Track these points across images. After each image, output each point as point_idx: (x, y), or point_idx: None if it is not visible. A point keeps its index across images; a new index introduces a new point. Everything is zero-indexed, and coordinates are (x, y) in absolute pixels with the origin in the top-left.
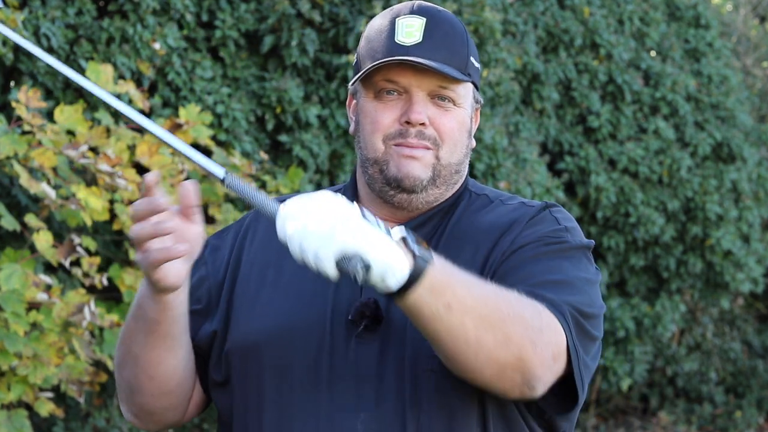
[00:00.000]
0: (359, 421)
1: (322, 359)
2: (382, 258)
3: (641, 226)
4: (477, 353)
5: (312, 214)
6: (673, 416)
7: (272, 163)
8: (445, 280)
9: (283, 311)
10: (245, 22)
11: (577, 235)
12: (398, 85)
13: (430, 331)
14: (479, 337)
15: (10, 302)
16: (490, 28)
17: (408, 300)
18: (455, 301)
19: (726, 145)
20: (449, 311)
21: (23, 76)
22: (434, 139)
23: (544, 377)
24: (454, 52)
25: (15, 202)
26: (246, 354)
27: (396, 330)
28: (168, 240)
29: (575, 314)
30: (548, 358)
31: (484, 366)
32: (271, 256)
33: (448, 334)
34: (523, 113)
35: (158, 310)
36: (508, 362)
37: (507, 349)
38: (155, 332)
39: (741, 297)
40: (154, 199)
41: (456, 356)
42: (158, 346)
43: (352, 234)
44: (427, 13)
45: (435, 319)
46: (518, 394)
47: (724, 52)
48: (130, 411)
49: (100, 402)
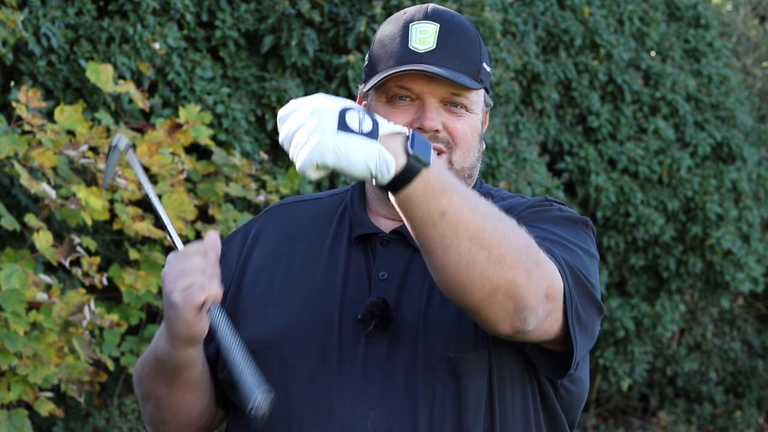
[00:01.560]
0: (369, 420)
1: (331, 359)
2: (362, 158)
3: (641, 226)
4: (468, 269)
5: (297, 117)
6: (673, 416)
7: (272, 163)
8: (442, 186)
9: (291, 312)
10: (245, 22)
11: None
12: (411, 92)
13: (422, 237)
14: (472, 252)
15: (10, 302)
16: (490, 28)
17: (404, 198)
18: (451, 209)
19: (726, 145)
20: (443, 218)
21: (23, 76)
22: (447, 142)
23: (537, 311)
24: (467, 59)
25: (15, 202)
26: (255, 355)
27: (406, 330)
28: (215, 277)
29: (571, 266)
30: (542, 292)
31: (475, 284)
32: (280, 259)
33: (441, 242)
34: (523, 113)
35: (181, 362)
36: (501, 284)
37: (500, 270)
38: (177, 380)
39: (741, 297)
40: (208, 243)
41: (446, 269)
42: (180, 390)
43: (330, 143)
44: (441, 18)
45: (428, 224)
46: (509, 326)
47: (724, 52)
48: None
49: (100, 402)
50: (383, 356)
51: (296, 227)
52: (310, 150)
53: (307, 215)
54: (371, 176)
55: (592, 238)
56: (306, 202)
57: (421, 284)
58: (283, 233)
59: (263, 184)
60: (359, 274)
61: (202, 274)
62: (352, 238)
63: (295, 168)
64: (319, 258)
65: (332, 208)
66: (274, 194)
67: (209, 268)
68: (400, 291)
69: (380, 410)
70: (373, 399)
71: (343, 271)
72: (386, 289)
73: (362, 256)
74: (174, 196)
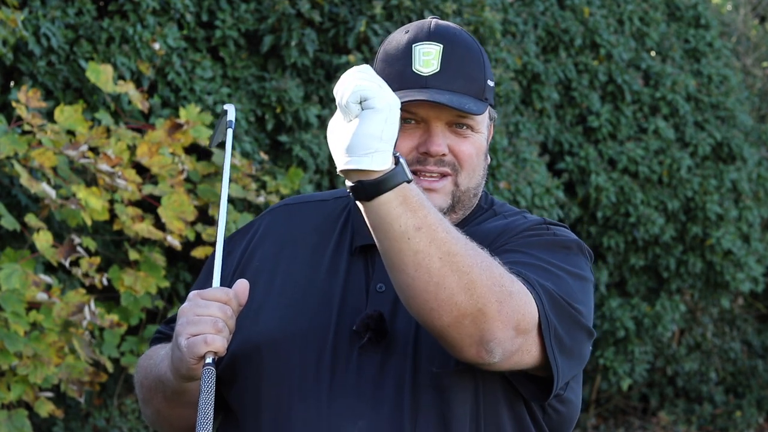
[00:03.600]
0: (357, 428)
1: (323, 368)
2: (384, 137)
3: (641, 226)
4: (438, 290)
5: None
6: (673, 416)
7: (272, 163)
8: (420, 202)
9: (287, 318)
10: (245, 22)
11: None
12: (416, 116)
13: (395, 252)
14: (443, 273)
15: (10, 302)
16: (490, 28)
17: (381, 206)
18: (426, 226)
19: (726, 145)
20: (418, 233)
21: (23, 76)
22: (453, 165)
23: (505, 343)
24: (471, 80)
25: (15, 202)
26: (248, 359)
27: (399, 344)
28: (224, 332)
29: (551, 294)
30: (511, 324)
31: (443, 308)
32: (280, 262)
33: (413, 258)
34: (523, 113)
35: (180, 391)
36: (469, 311)
37: (469, 297)
38: (176, 400)
39: (741, 297)
40: (232, 293)
41: (415, 289)
42: (179, 407)
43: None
44: (444, 38)
45: (402, 237)
46: (474, 354)
47: (724, 52)
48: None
49: (100, 402)
50: (375, 368)
51: (299, 230)
52: (380, 91)
53: (311, 218)
54: (359, 152)
55: (585, 261)
56: (310, 204)
57: None
58: (285, 235)
59: (263, 185)
60: (358, 285)
61: (213, 326)
62: (354, 248)
63: (295, 168)
64: (320, 264)
65: (336, 213)
66: (274, 195)
67: (220, 322)
68: (396, 304)
69: (368, 420)
70: (362, 409)
71: (343, 281)
72: (382, 302)
73: (362, 266)
74: (174, 197)
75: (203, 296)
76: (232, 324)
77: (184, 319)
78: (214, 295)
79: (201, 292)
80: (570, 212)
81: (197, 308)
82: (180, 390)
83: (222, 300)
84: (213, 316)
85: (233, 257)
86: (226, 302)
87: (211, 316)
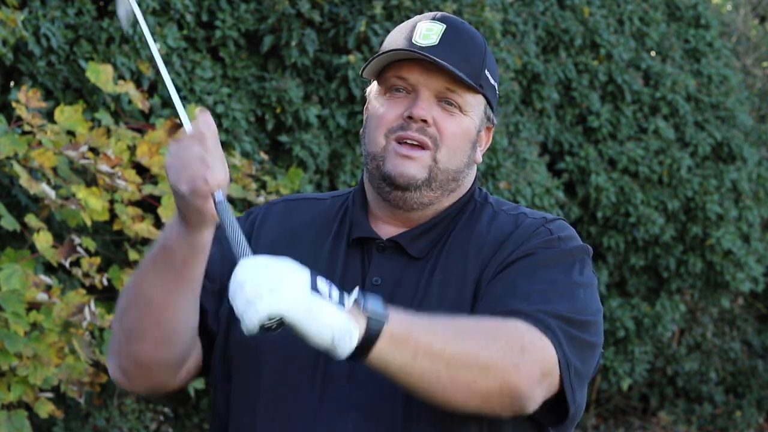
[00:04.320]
0: (350, 421)
1: (318, 360)
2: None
3: (641, 226)
4: (455, 391)
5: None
6: (673, 416)
7: (272, 163)
8: (406, 331)
9: None
10: (245, 22)
11: (571, 242)
12: (407, 82)
13: (403, 382)
14: (454, 377)
15: (10, 302)
16: (490, 28)
17: (373, 359)
18: (421, 349)
19: (726, 145)
20: (416, 360)
21: (23, 77)
22: (435, 138)
23: (534, 395)
24: (467, 60)
25: (15, 202)
26: (245, 351)
27: None
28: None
29: (563, 325)
30: (536, 376)
31: (467, 399)
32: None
33: (421, 381)
34: (523, 113)
35: (188, 250)
36: (492, 390)
37: (487, 379)
38: (178, 274)
39: (741, 297)
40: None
41: (438, 398)
42: (176, 290)
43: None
44: (449, 22)
45: (404, 370)
46: (510, 413)
47: (724, 52)
48: (120, 365)
49: (100, 402)
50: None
51: (298, 224)
52: (278, 299)
53: (310, 213)
54: (329, 346)
55: (590, 265)
56: (309, 201)
57: (413, 293)
58: (284, 228)
59: (263, 185)
60: (354, 278)
61: (202, 163)
62: (351, 240)
63: (295, 168)
64: (319, 257)
65: (335, 209)
66: (274, 195)
67: (208, 156)
68: (391, 298)
69: (362, 412)
70: (356, 401)
71: (341, 273)
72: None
73: (359, 259)
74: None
75: (179, 142)
76: (219, 154)
77: (172, 170)
78: (188, 135)
79: (176, 140)
80: (570, 212)
81: (178, 154)
82: (191, 250)
83: (197, 138)
84: (199, 155)
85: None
86: (201, 138)
87: (197, 155)
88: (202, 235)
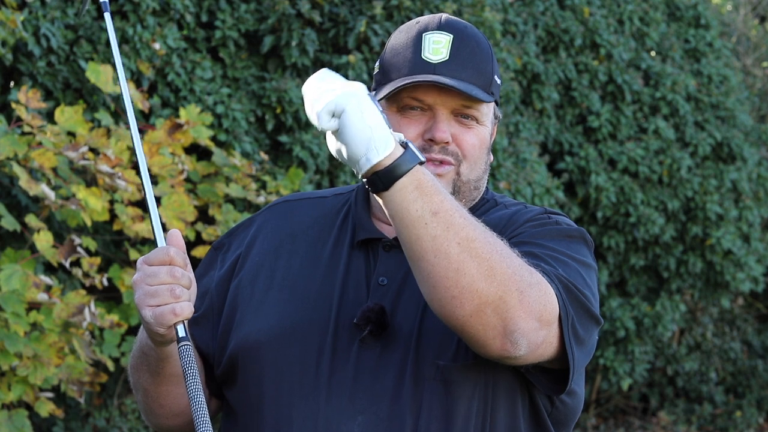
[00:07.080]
0: (356, 423)
1: (323, 361)
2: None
3: (641, 226)
4: (458, 277)
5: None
6: (673, 416)
7: (272, 163)
8: (435, 187)
9: (287, 312)
10: (245, 22)
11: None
12: (423, 102)
13: (413, 239)
14: (462, 260)
15: (10, 302)
16: (490, 28)
17: (396, 194)
18: (443, 211)
19: (726, 145)
20: (435, 218)
21: (23, 77)
22: (456, 155)
23: (530, 334)
24: (479, 72)
25: (15, 203)
26: (249, 353)
27: (400, 336)
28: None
29: (568, 284)
30: (534, 315)
31: (464, 295)
32: (280, 257)
33: (431, 243)
34: (523, 113)
35: (162, 357)
36: (489, 299)
37: (490, 284)
38: (160, 373)
39: (741, 297)
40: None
41: (436, 275)
42: (164, 383)
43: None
44: (454, 29)
45: (420, 223)
46: (499, 347)
47: (724, 52)
48: (149, 424)
49: (100, 402)
50: (374, 361)
51: (298, 225)
52: (339, 93)
53: (310, 214)
54: (363, 152)
55: (589, 250)
56: (309, 200)
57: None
58: (285, 231)
59: (263, 185)
60: (358, 278)
61: (171, 294)
62: (355, 242)
63: (295, 168)
64: (320, 259)
65: (336, 209)
66: (274, 195)
67: (177, 288)
68: (398, 297)
69: (368, 415)
70: (361, 404)
71: (343, 274)
72: (384, 295)
73: (363, 260)
74: (174, 197)
75: (148, 262)
76: (186, 281)
77: (140, 291)
78: (158, 258)
79: (146, 258)
80: (570, 212)
81: (148, 278)
82: (162, 357)
83: (166, 262)
84: (166, 284)
85: (233, 252)
86: (170, 263)
87: (164, 283)
88: (169, 348)
